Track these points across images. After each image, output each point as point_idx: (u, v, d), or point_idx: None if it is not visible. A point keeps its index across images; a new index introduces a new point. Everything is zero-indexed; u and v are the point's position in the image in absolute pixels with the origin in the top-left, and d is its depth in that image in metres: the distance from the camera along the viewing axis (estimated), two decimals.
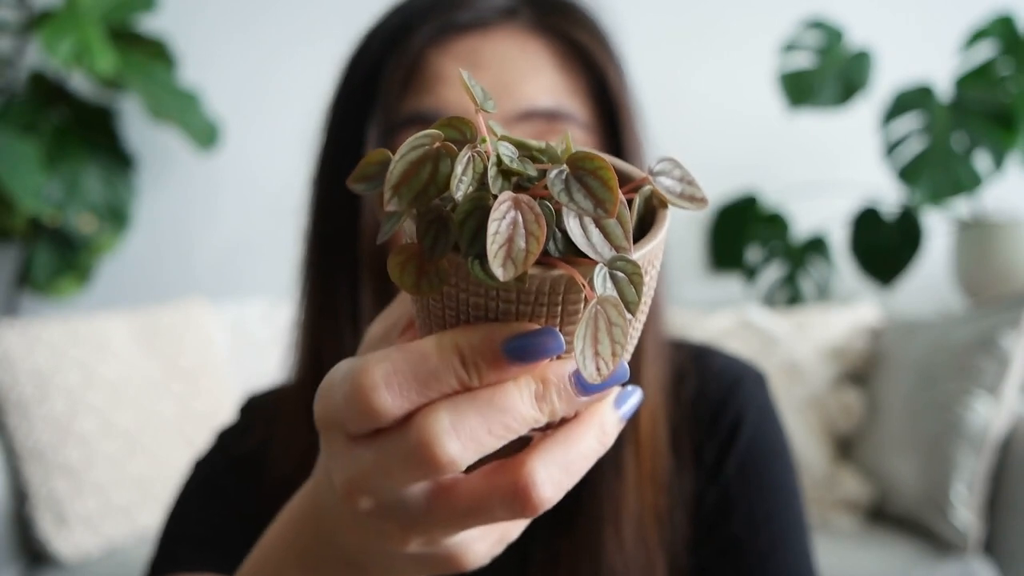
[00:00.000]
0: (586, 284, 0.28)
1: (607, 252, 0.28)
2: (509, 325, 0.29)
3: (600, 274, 0.28)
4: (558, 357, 0.30)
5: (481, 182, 0.29)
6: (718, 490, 0.60)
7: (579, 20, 0.58)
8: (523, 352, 0.28)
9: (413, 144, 0.29)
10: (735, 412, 0.62)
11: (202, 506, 0.64)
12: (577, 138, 0.54)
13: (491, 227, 0.27)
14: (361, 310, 0.55)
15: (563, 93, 0.55)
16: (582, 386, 0.29)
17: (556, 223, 0.29)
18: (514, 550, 0.56)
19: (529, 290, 0.29)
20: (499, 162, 0.29)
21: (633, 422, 0.56)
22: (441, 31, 0.55)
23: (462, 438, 0.28)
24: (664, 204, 0.32)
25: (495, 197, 0.28)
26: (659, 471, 0.58)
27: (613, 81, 0.57)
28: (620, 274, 0.29)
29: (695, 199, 0.32)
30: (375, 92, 0.55)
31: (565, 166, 0.29)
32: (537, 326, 0.29)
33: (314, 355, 0.58)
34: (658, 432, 0.58)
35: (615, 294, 0.28)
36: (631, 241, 0.29)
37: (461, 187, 0.28)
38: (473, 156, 0.29)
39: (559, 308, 0.29)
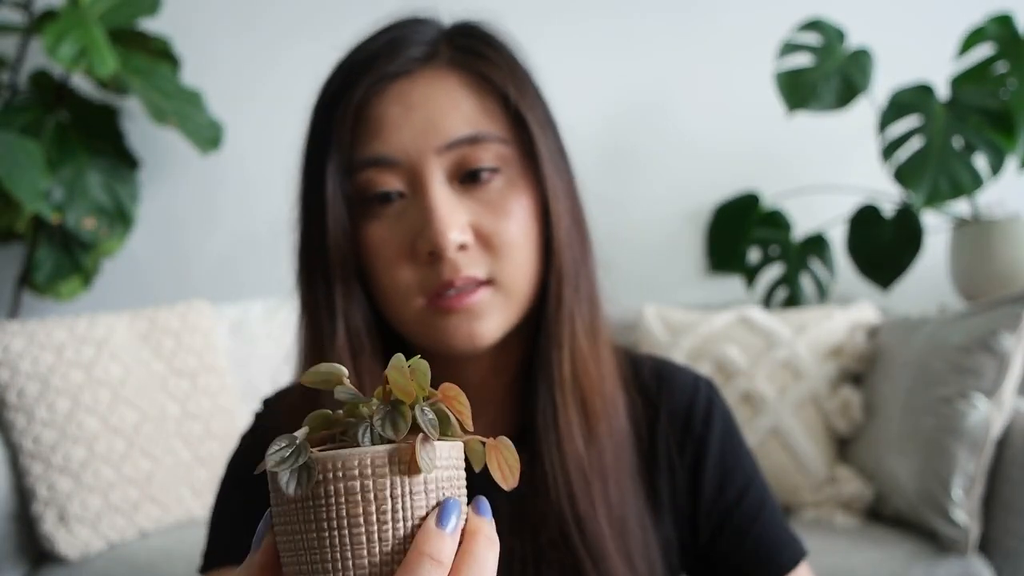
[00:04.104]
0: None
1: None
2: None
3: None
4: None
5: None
6: (710, 477, 0.75)
7: (485, 54, 0.70)
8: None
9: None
10: (704, 414, 0.77)
11: (235, 503, 0.75)
12: (500, 152, 0.68)
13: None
14: (336, 306, 0.68)
15: (480, 119, 0.68)
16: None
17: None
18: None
19: None
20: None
21: (557, 359, 0.70)
22: (377, 81, 0.68)
23: None
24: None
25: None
26: (589, 400, 0.70)
27: (518, 102, 0.69)
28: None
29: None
30: (327, 140, 0.68)
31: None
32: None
33: (310, 352, 0.71)
34: (579, 365, 0.70)
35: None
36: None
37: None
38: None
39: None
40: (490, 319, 0.68)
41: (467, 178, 0.68)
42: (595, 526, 0.69)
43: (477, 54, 0.70)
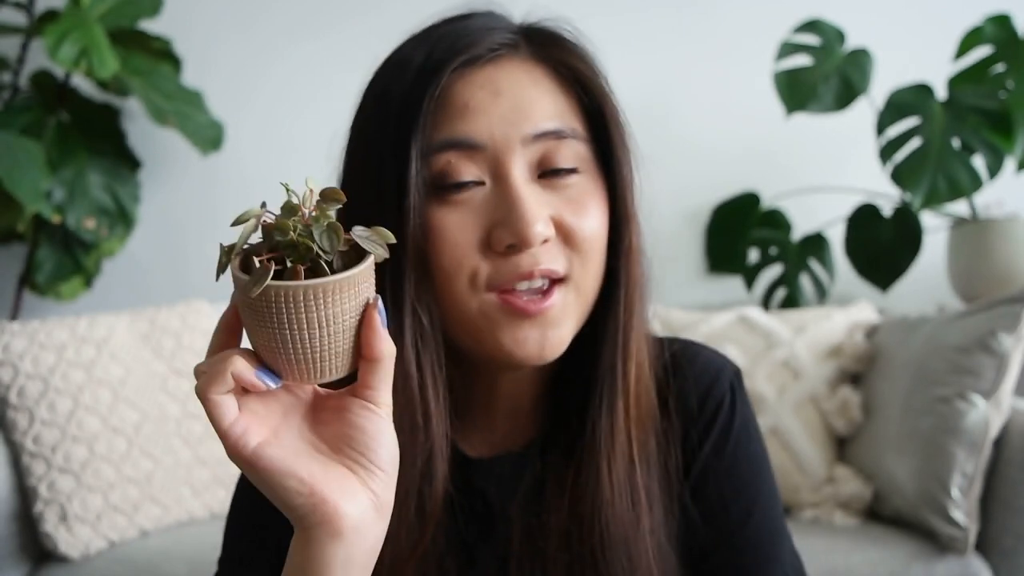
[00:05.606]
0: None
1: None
2: None
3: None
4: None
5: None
6: (701, 463, 0.72)
7: (569, 49, 0.69)
8: None
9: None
10: (717, 399, 0.74)
11: (249, 510, 0.73)
12: (579, 150, 0.67)
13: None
14: (404, 298, 0.64)
15: (565, 114, 0.67)
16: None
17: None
18: (533, 475, 0.70)
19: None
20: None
21: (624, 371, 0.69)
22: (464, 63, 0.66)
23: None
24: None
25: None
26: (644, 416, 0.70)
27: (601, 98, 0.69)
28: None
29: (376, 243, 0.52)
30: (414, 120, 0.64)
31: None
32: None
33: None
34: (643, 381, 0.70)
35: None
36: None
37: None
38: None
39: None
40: (563, 326, 0.65)
41: (548, 173, 0.66)
42: (638, 547, 0.67)
43: (560, 48, 0.69)
